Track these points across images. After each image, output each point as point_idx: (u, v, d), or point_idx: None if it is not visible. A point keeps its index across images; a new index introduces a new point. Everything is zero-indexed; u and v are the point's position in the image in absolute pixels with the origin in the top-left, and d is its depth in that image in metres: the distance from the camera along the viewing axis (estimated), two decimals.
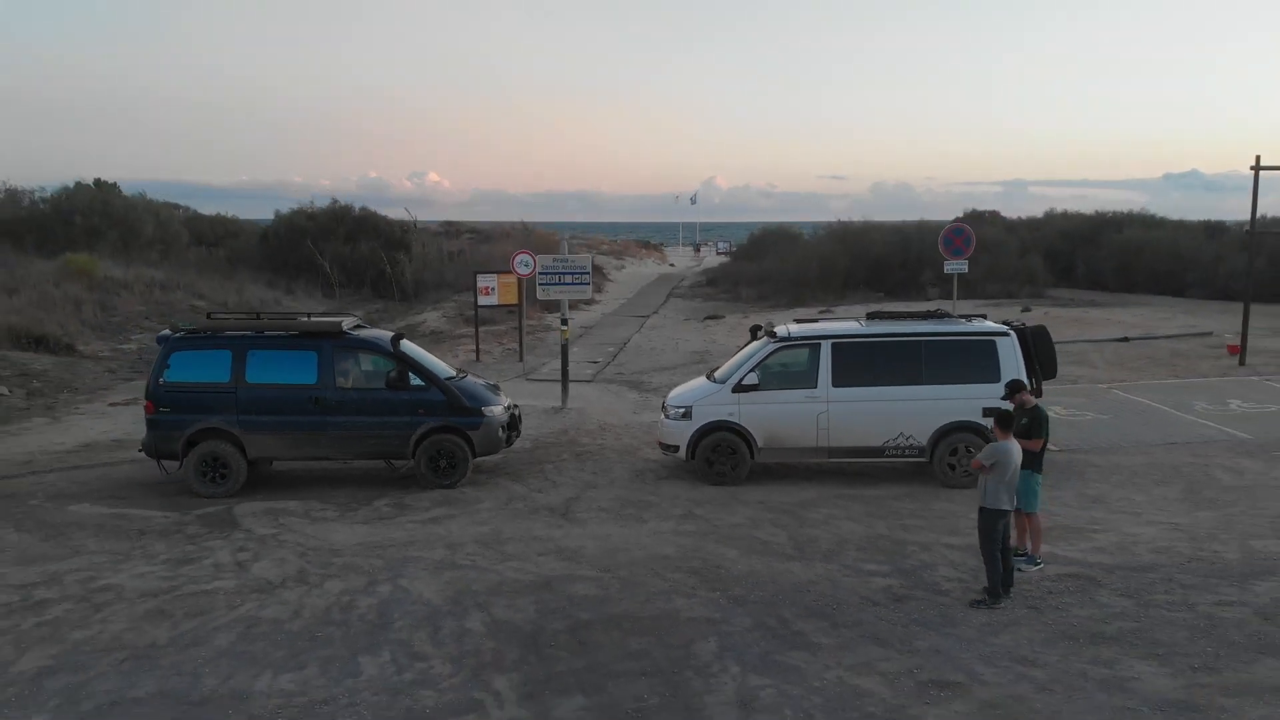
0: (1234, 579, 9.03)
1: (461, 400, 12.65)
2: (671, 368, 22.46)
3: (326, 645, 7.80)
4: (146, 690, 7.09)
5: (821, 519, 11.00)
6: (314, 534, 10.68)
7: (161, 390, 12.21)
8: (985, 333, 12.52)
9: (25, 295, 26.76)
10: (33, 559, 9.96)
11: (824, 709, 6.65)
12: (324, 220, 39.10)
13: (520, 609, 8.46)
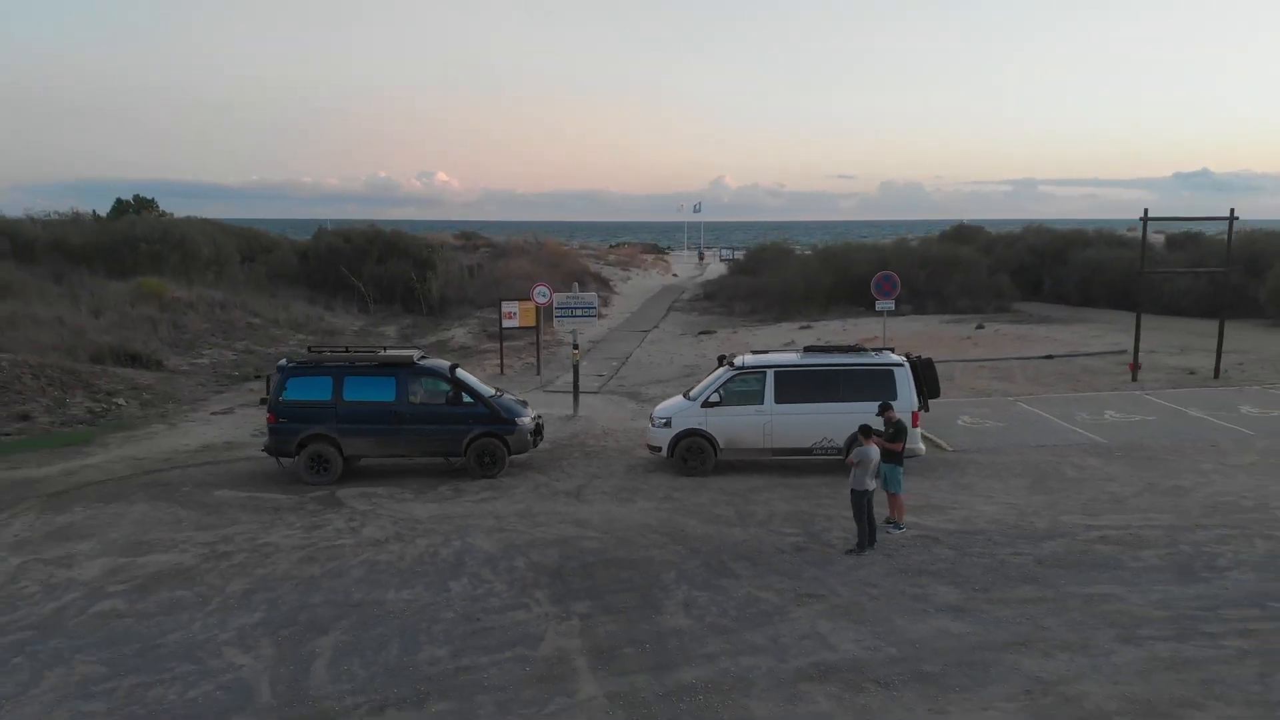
0: (1033, 540, 13.28)
1: (500, 413, 16.97)
2: (665, 380, 26.70)
3: (424, 576, 12.11)
4: (318, 600, 11.40)
5: (761, 500, 15.28)
6: (399, 509, 15.00)
7: (281, 406, 16.55)
8: (887, 364, 16.79)
9: (109, 316, 31.08)
10: (205, 527, 14.28)
11: (735, 608, 10.93)
12: (359, 242, 43.42)
13: (548, 555, 12.76)
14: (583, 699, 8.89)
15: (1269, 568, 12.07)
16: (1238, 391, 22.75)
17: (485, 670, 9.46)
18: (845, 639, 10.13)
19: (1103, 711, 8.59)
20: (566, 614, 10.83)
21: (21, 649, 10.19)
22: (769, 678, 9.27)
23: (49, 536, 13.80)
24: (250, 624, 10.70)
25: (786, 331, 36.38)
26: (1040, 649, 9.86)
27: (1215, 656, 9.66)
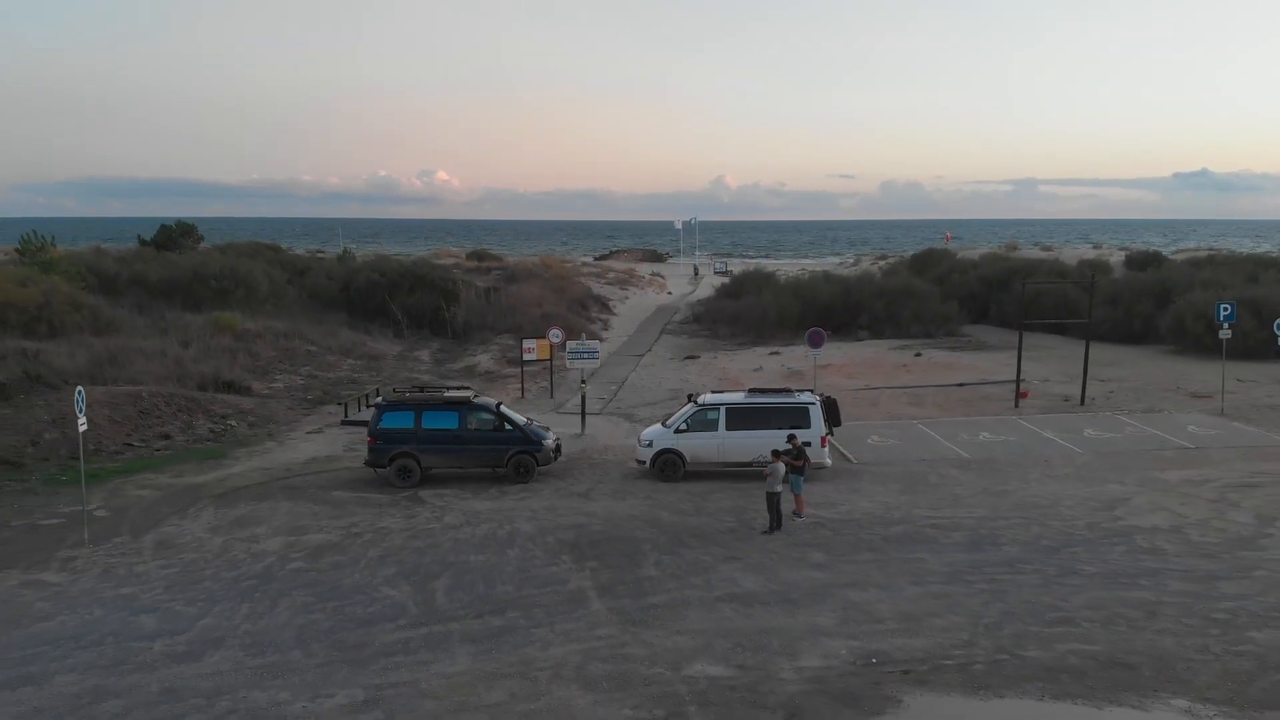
0: (885, 525, 20.11)
1: (531, 436, 23.86)
2: (654, 403, 33.55)
3: (490, 547, 18.95)
4: (427, 560, 18.23)
5: (713, 498, 22.14)
6: (464, 505, 21.88)
7: (378, 432, 23.41)
8: (804, 401, 23.68)
9: (196, 347, 37.91)
10: (336, 516, 21.14)
11: (685, 565, 17.77)
12: (393, 275, 50.30)
13: (568, 534, 19.62)
14: (593, 611, 15.74)
15: (1030, 544, 18.91)
16: (1090, 417, 29.61)
17: (536, 597, 16.32)
18: (748, 582, 16.98)
19: (879, 616, 15.44)
20: (581, 568, 17.69)
21: (255, 590, 17.03)
22: (700, 601, 16.12)
23: (233, 523, 20.68)
24: (389, 574, 17.56)
25: (758, 357, 43.18)
26: (861, 588, 16.70)
27: (964, 592, 16.48)
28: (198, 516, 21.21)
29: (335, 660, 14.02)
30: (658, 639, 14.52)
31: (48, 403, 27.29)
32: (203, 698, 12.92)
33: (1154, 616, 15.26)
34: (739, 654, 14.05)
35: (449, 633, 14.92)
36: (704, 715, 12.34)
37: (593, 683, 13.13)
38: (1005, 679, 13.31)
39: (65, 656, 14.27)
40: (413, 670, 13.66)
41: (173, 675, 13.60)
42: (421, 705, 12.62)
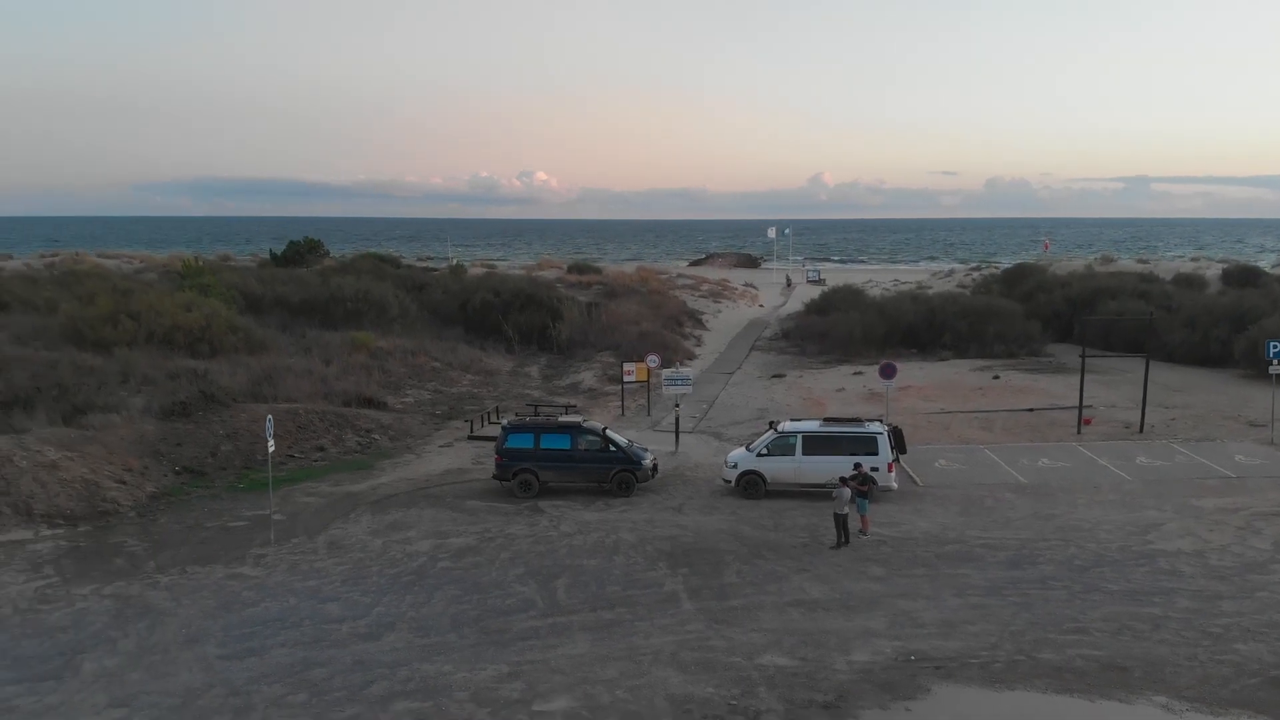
0: (939, 544, 23.20)
1: (632, 456, 27.55)
2: (741, 422, 36.92)
3: (599, 553, 22.68)
4: (549, 563, 22.01)
5: (789, 515, 25.49)
6: (576, 515, 25.68)
7: (504, 450, 27.39)
8: (873, 431, 26.82)
9: (336, 365, 42.61)
10: (472, 523, 25.13)
11: (761, 574, 21.21)
12: (506, 295, 54.61)
13: (663, 544, 23.21)
14: (684, 610, 19.31)
15: (1064, 564, 21.82)
16: (1146, 445, 31.98)
17: (638, 597, 19.97)
18: (815, 590, 20.35)
19: (922, 622, 18.65)
20: (675, 574, 21.29)
21: (414, 584, 21.03)
22: (773, 605, 19.56)
23: (388, 527, 24.84)
24: (519, 573, 21.43)
25: (841, 377, 46.12)
26: (910, 598, 19.92)
27: (998, 604, 19.58)
28: (358, 521, 25.43)
29: (483, 642, 17.90)
30: (736, 635, 18.04)
31: (221, 419, 32.01)
32: (385, 668, 16.91)
33: (1157, 629, 18.19)
34: (802, 649, 17.48)
35: (570, 623, 18.69)
36: (771, 695, 15.82)
37: (684, 666, 16.73)
38: (1018, 676, 16.48)
39: (275, 635, 18.45)
40: (543, 651, 17.45)
41: (360, 651, 17.65)
42: (552, 679, 16.39)
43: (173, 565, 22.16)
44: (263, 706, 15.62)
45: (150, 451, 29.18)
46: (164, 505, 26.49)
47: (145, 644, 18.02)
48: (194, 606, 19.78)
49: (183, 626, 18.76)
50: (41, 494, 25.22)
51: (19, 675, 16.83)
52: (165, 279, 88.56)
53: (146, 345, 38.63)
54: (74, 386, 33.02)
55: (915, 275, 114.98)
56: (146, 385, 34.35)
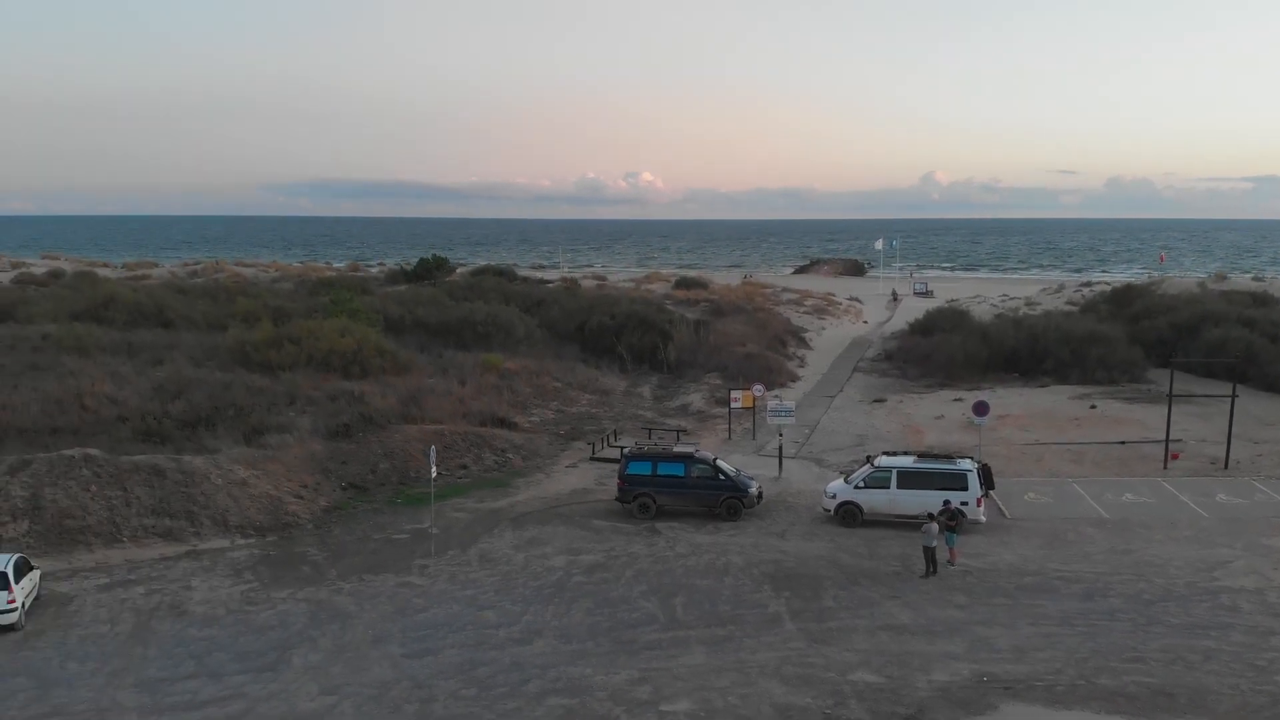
0: (1020, 575, 25.71)
1: (739, 484, 30.72)
2: (841, 448, 39.65)
3: (710, 575, 25.90)
4: (667, 582, 25.32)
5: (883, 544, 28.28)
6: (689, 537, 28.95)
7: (625, 476, 30.86)
8: (963, 469, 29.40)
9: (471, 386, 46.76)
10: (598, 541, 28.63)
11: (856, 601, 24.14)
12: (620, 318, 58.25)
13: (768, 568, 26.31)
14: (786, 629, 22.40)
15: (1133, 598, 24.14)
16: (1228, 482, 33.65)
17: (746, 616, 23.12)
18: (903, 616, 23.19)
19: (997, 647, 21.34)
20: (778, 596, 24.38)
21: (554, 596, 24.56)
22: (865, 628, 22.49)
23: (528, 542, 28.52)
24: (642, 590, 24.81)
25: (942, 402, 48.25)
26: (989, 625, 22.59)
27: (1067, 633, 22.12)
28: (502, 536, 29.18)
29: (616, 650, 21.33)
30: (832, 653, 21.07)
31: (379, 439, 36.29)
32: (538, 669, 20.47)
33: (1208, 660, 20.56)
34: (888, 668, 20.41)
35: (688, 637, 21.98)
36: (860, 707, 18.84)
37: (786, 679, 19.85)
38: (1077, 698, 19.14)
39: (444, 637, 22.20)
40: (666, 660, 20.78)
41: (515, 654, 21.26)
42: (675, 684, 19.70)
43: (351, 573, 26.20)
44: (443, 698, 19.32)
45: (320, 469, 33.54)
46: (335, 518, 30.71)
47: (340, 642, 21.97)
48: (374, 611, 23.71)
49: (368, 628, 22.67)
50: (235, 508, 29.68)
51: (244, 666, 20.91)
52: (300, 288, 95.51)
53: (306, 367, 43.30)
54: (248, 407, 37.74)
55: (1025, 288, 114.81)
56: (310, 406, 38.92)
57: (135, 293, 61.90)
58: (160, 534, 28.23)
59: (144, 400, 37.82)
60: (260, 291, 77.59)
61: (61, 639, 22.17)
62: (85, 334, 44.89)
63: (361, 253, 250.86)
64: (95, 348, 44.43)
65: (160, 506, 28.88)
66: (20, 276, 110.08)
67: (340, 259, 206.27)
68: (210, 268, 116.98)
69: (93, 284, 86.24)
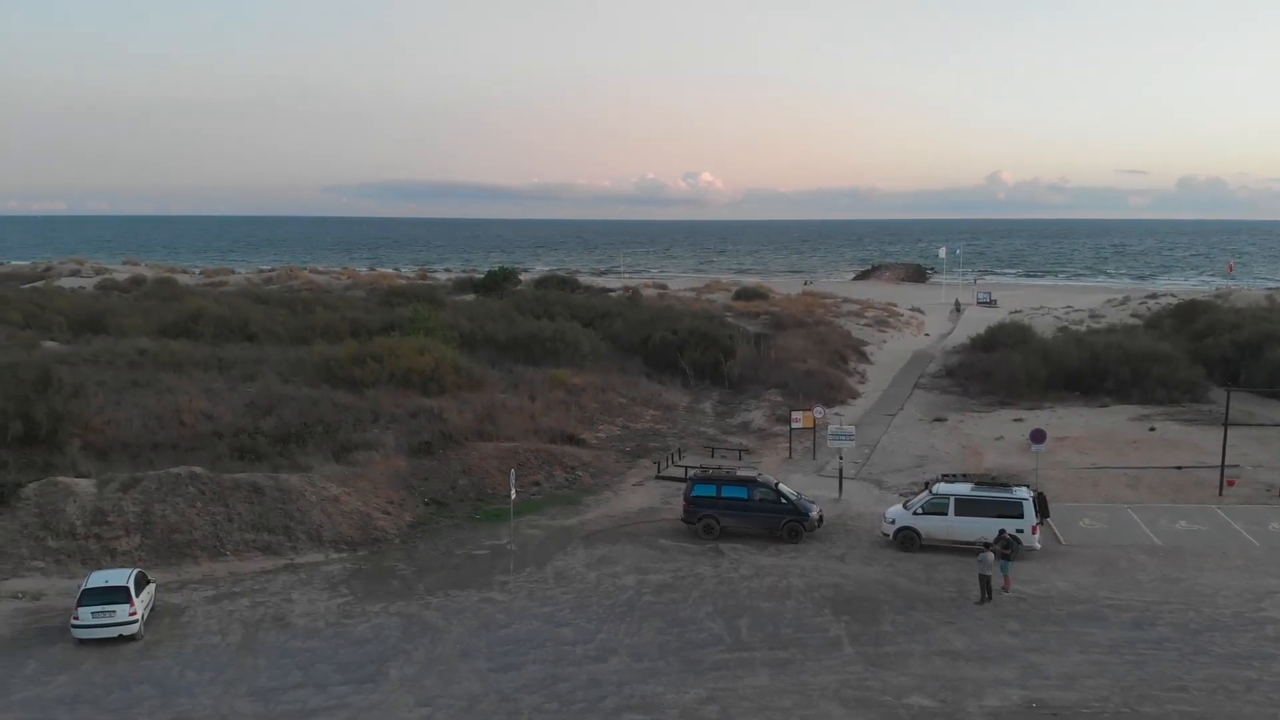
0: (1072, 602, 26.79)
1: (799, 508, 32.12)
2: (900, 470, 40.79)
3: (773, 598, 27.36)
4: (732, 603, 26.83)
5: (940, 569, 29.49)
6: (752, 559, 30.43)
7: (691, 498, 32.45)
8: (1019, 497, 30.49)
9: (540, 402, 48.65)
10: (665, 561, 30.23)
11: (913, 626, 25.44)
12: (683, 334, 59.82)
13: (828, 591, 27.70)
14: (846, 653, 23.79)
15: (1180, 627, 25.12)
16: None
17: (807, 639, 24.56)
18: (958, 642, 24.45)
19: (1047, 674, 22.52)
20: (838, 620, 25.77)
21: (626, 615, 26.22)
22: (921, 654, 23.79)
23: (599, 561, 30.23)
24: (708, 611, 26.36)
25: (1002, 422, 48.98)
26: (1040, 652, 23.76)
27: (1115, 661, 23.21)
28: (574, 554, 30.93)
29: (685, 669, 22.93)
30: (889, 677, 22.45)
31: (458, 456, 38.31)
32: (613, 686, 22.15)
33: (1250, 690, 21.58)
34: (942, 693, 21.74)
35: (752, 658, 23.51)
36: None
37: (845, 701, 21.30)
38: None
39: (526, 653, 23.99)
40: (732, 681, 22.33)
41: (592, 670, 22.96)
42: (740, 704, 21.24)
43: (437, 588, 28.13)
44: (528, 712, 21.09)
45: (404, 485, 35.62)
46: (420, 533, 32.74)
47: (431, 656, 23.87)
48: (461, 626, 25.60)
49: (456, 642, 24.55)
50: (328, 524, 31.82)
51: (345, 678, 22.88)
52: (372, 296, 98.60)
53: (388, 384, 45.54)
54: (335, 423, 39.99)
55: (1090, 297, 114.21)
56: (393, 423, 41.10)
57: (220, 305, 64.81)
58: (260, 548, 30.45)
59: (237, 416, 40.30)
60: (336, 301, 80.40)
61: (178, 649, 24.36)
62: (180, 351, 47.59)
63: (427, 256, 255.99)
64: (189, 363, 47.09)
65: (260, 522, 31.12)
66: (104, 282, 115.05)
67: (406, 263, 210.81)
68: (285, 274, 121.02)
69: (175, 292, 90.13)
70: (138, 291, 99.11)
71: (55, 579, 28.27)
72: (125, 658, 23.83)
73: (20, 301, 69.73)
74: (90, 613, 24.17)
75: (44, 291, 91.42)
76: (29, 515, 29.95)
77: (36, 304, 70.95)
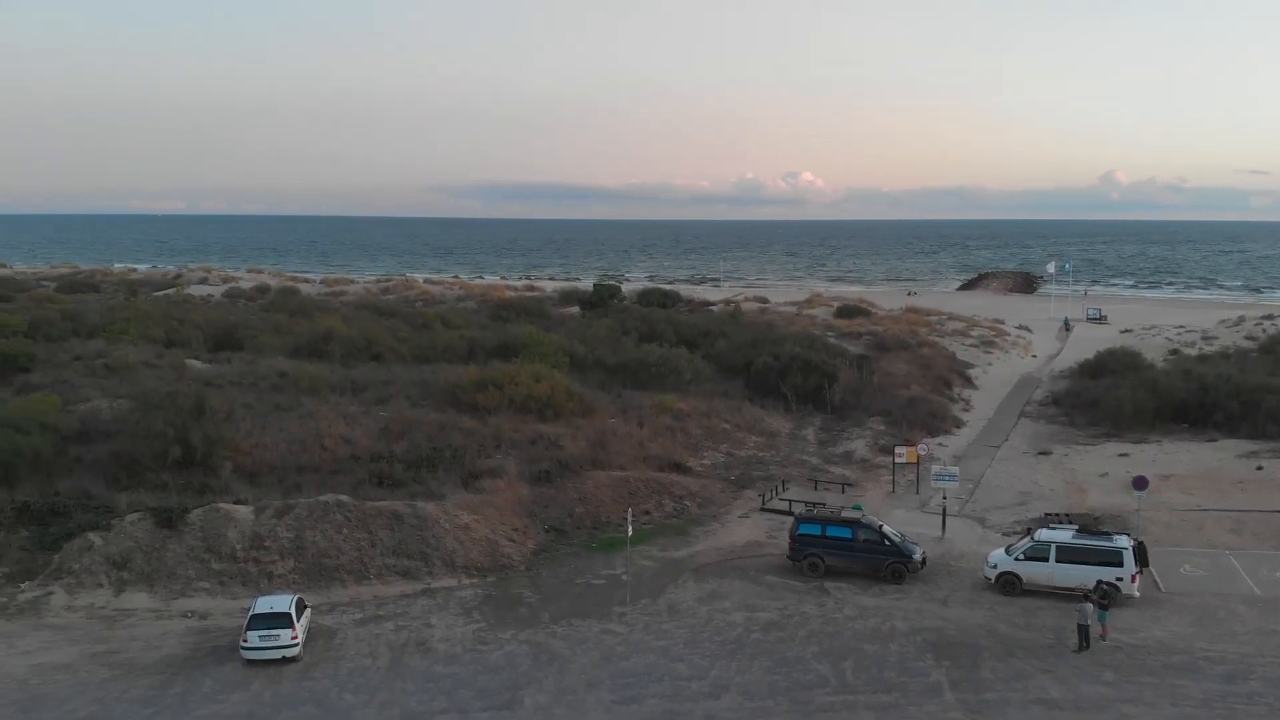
0: (1168, 653, 27.70)
1: (903, 550, 33.55)
2: (1003, 507, 41.69)
3: (876, 640, 28.92)
4: (837, 644, 28.49)
5: (1040, 615, 30.61)
6: (855, 599, 32.00)
7: (797, 537, 34.14)
8: (1119, 546, 31.40)
9: (648, 428, 50.79)
10: (772, 599, 32.00)
11: (1012, 673, 26.74)
12: (785, 360, 61.34)
13: (930, 635, 29.12)
14: (945, 699, 25.27)
15: (1274, 681, 25.87)
16: None
17: (908, 684, 26.09)
18: (1054, 690, 25.70)
19: None
20: (939, 665, 27.21)
21: (736, 652, 28.11)
22: (1018, 701, 25.13)
23: (709, 595, 32.17)
24: (814, 651, 28.09)
25: (1107, 457, 49.17)
26: (1133, 704, 24.86)
27: (1205, 715, 24.17)
28: (685, 587, 32.95)
29: (793, 710, 24.74)
30: None
31: (574, 485, 40.72)
32: None
33: None
34: None
35: (857, 701, 25.19)
36: None
37: None
38: None
39: (645, 686, 26.09)
40: None
41: (707, 707, 24.94)
42: None
43: (561, 617, 30.46)
44: None
45: (526, 512, 38.16)
46: (542, 560, 35.18)
47: (560, 685, 26.16)
48: (584, 656, 27.84)
49: (581, 673, 26.80)
50: (460, 550, 34.48)
51: (485, 704, 25.31)
52: (483, 308, 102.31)
53: (507, 409, 48.28)
54: (462, 448, 42.80)
55: (1204, 314, 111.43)
56: (513, 449, 43.77)
57: (348, 326, 68.66)
58: (400, 572, 33.27)
59: (372, 440, 43.47)
60: (452, 316, 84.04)
61: (334, 670, 27.16)
62: (317, 376, 51.10)
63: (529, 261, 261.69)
64: (325, 387, 50.58)
65: (399, 548, 33.94)
66: (230, 290, 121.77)
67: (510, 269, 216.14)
68: (401, 285, 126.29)
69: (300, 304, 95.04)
70: (263, 301, 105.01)
71: (220, 599, 31.48)
72: (289, 678, 26.69)
73: (161, 317, 74.67)
74: (258, 636, 27.10)
75: (180, 303, 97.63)
76: (194, 539, 33.27)
77: (175, 318, 76.00)
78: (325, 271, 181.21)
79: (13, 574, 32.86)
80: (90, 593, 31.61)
